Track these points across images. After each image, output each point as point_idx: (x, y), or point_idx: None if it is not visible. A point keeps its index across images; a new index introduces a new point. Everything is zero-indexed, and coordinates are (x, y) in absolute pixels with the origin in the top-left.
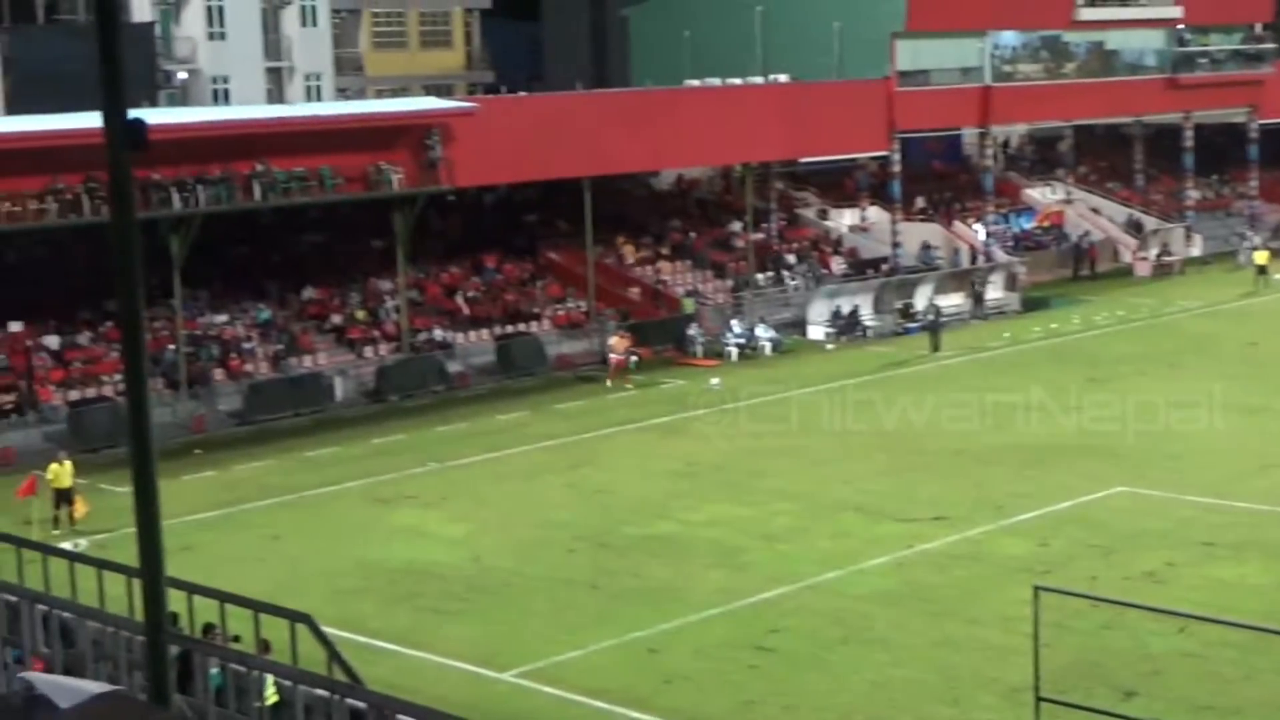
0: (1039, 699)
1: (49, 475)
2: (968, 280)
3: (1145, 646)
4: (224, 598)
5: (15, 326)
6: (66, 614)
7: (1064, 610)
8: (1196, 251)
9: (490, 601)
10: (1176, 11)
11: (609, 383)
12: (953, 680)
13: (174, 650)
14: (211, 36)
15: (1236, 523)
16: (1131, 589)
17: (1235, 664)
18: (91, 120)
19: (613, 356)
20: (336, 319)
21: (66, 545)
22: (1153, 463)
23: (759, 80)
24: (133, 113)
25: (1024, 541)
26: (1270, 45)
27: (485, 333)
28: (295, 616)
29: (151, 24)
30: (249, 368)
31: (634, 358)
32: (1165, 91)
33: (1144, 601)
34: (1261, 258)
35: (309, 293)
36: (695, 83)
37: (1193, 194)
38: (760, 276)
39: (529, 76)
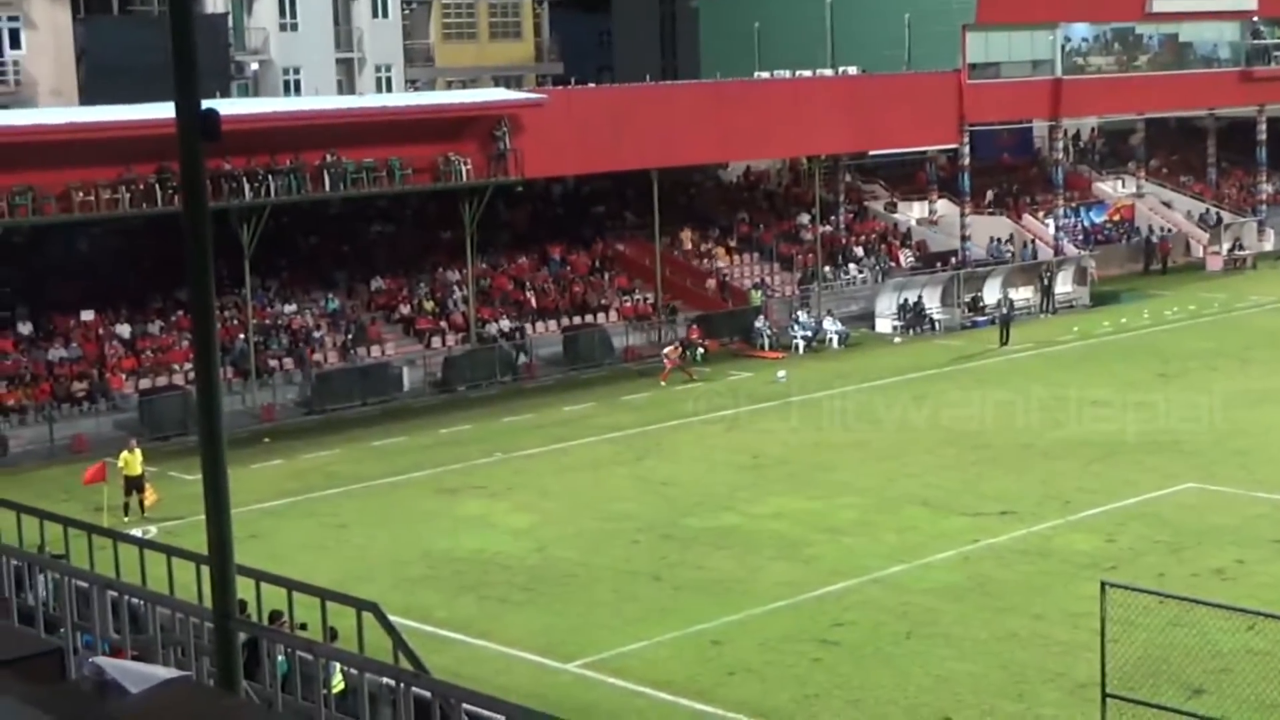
0: (1105, 695)
1: (120, 463)
2: (1037, 274)
3: (1213, 644)
4: (291, 585)
5: (87, 315)
6: (136, 600)
7: (1131, 607)
8: (1269, 246)
9: (555, 592)
10: (1251, 3)
11: (662, 382)
12: (1018, 676)
13: (241, 637)
14: (283, 28)
15: None
16: (1200, 586)
17: None
18: (164, 111)
19: (666, 361)
20: (404, 309)
21: (136, 532)
22: (1222, 459)
23: (828, 73)
24: (205, 103)
25: (1091, 537)
26: None
27: (552, 324)
28: (362, 605)
29: (224, 15)
30: (317, 357)
31: (701, 349)
32: (1239, 84)
33: (1212, 598)
34: None
35: (377, 283)
36: (765, 75)
37: (1266, 188)
38: (828, 269)
39: (598, 68)
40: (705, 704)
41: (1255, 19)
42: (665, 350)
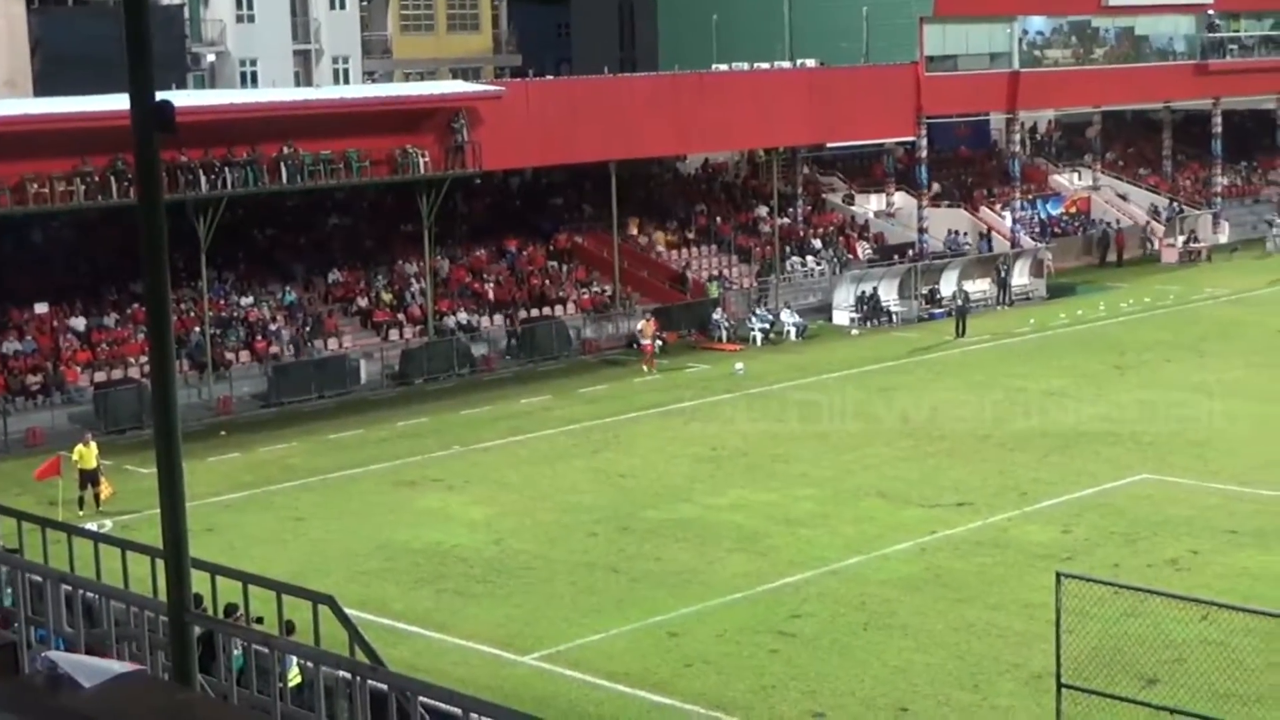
0: (1060, 685)
1: (74, 456)
2: (993, 266)
3: (1167, 634)
4: (247, 579)
5: (41, 308)
6: (90, 594)
7: (1086, 597)
8: (1224, 238)
9: (512, 584)
10: None
11: (645, 369)
12: (974, 666)
13: (197, 631)
14: (240, 19)
15: (1261, 510)
16: (1155, 576)
17: (1258, 652)
18: (119, 102)
19: (644, 342)
20: (362, 302)
21: (92, 526)
22: (1177, 450)
23: (786, 65)
24: (160, 95)
25: (1047, 528)
26: None
27: (510, 316)
28: (318, 598)
29: (180, 6)
30: (274, 350)
31: (660, 341)
32: (1194, 77)
33: (1167, 589)
34: None
35: (334, 275)
36: (723, 67)
37: (1221, 181)
38: (785, 261)
39: (556, 60)
40: (662, 695)
41: (1210, 12)
42: (639, 326)
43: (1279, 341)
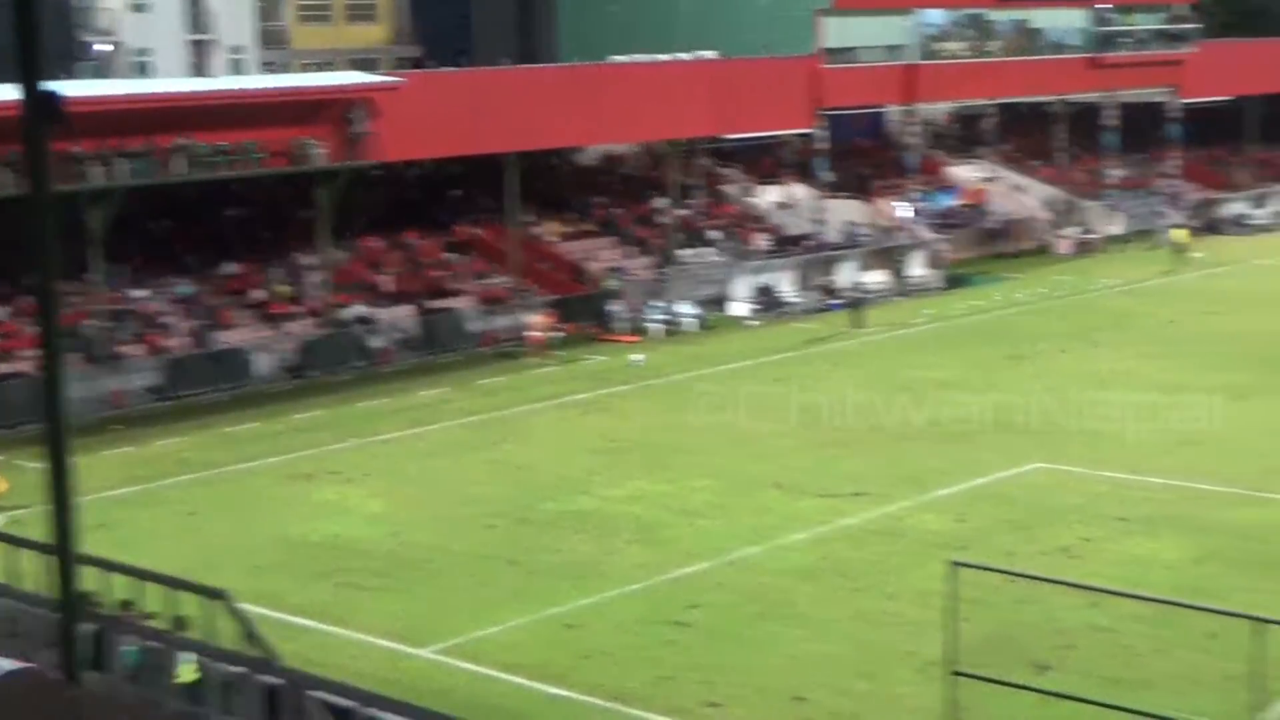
0: (954, 673)
1: None
2: (890, 257)
3: (1059, 621)
4: (140, 574)
5: None
6: None
7: (980, 585)
8: (1117, 230)
9: (410, 577)
10: None
11: (537, 359)
12: (870, 655)
13: (88, 628)
14: (133, 8)
15: (1150, 498)
16: (1047, 564)
17: (1146, 637)
18: (7, 93)
19: (533, 334)
20: (258, 294)
21: None
22: (1070, 439)
23: (686, 57)
24: (50, 85)
25: (942, 517)
26: (1192, 25)
27: (408, 308)
28: (211, 593)
29: None
30: (169, 343)
31: (557, 333)
32: (1088, 70)
33: (1059, 576)
34: (1180, 236)
35: (231, 267)
36: (623, 59)
37: (1114, 173)
38: (683, 253)
39: (456, 51)
40: (560, 687)
41: (1104, 6)
42: (532, 319)
43: (1170, 332)
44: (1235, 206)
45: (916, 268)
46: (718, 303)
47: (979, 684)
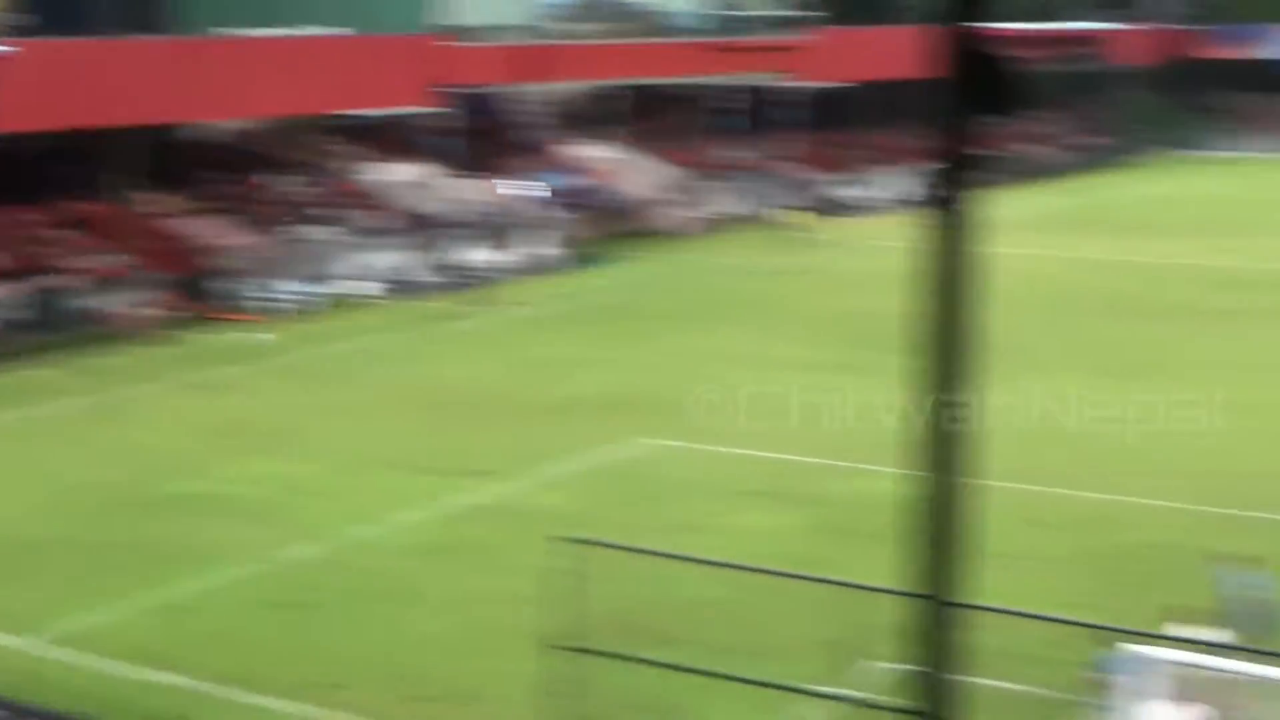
0: (573, 649)
1: None
2: (520, 236)
3: (678, 594)
4: None
5: None
6: None
7: (599, 561)
8: (741, 210)
9: (18, 566)
10: None
11: (146, 341)
12: (491, 633)
13: None
14: None
15: (763, 472)
16: (666, 539)
17: (760, 609)
18: None
19: (150, 313)
20: None
21: None
22: (689, 415)
23: (299, 32)
24: None
25: (563, 494)
26: (810, 12)
27: (15, 286)
28: None
29: None
30: None
31: (177, 313)
32: (707, 54)
33: (679, 551)
34: (799, 218)
35: None
36: (238, 32)
37: (738, 155)
38: (311, 230)
39: (72, 20)
40: (176, 674)
41: None
42: (141, 297)
43: (792, 311)
44: (851, 189)
45: (548, 247)
46: (345, 281)
47: (603, 659)
